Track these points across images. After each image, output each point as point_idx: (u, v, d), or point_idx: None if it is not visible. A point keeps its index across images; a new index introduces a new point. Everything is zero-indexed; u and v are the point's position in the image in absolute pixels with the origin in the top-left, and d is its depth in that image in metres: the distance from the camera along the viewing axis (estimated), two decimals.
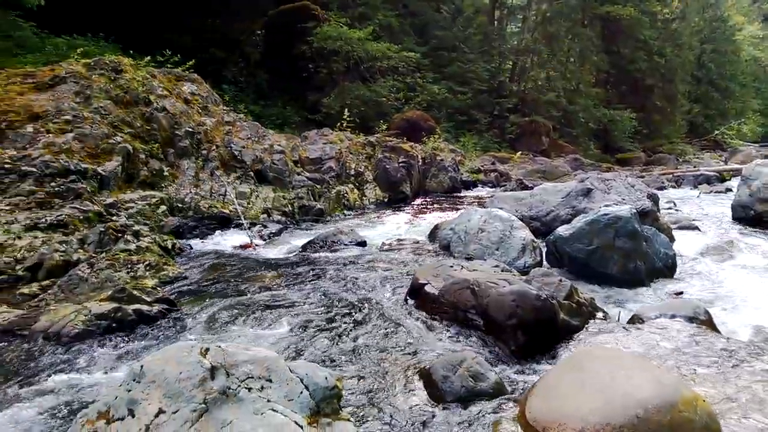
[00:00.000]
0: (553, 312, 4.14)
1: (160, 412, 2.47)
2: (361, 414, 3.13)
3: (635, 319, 4.45)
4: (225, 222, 8.36)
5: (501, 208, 7.37)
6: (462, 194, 14.12)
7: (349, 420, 2.72)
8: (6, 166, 6.46)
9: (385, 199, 12.30)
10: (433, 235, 7.88)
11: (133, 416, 2.47)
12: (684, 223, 8.70)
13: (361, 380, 3.50)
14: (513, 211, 7.54)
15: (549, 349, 4.06)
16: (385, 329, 4.40)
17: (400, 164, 13.06)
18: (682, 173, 18.69)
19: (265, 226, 8.53)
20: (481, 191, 14.90)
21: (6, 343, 4.22)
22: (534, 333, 4.04)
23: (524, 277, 4.80)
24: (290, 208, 9.69)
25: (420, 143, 15.50)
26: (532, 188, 10.24)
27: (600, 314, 4.61)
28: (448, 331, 4.37)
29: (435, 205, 11.81)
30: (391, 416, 3.15)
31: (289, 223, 9.20)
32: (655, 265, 5.95)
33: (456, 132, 23.94)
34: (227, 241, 7.71)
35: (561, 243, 6.04)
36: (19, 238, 5.68)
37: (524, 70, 31.05)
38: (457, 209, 10.76)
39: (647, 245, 5.98)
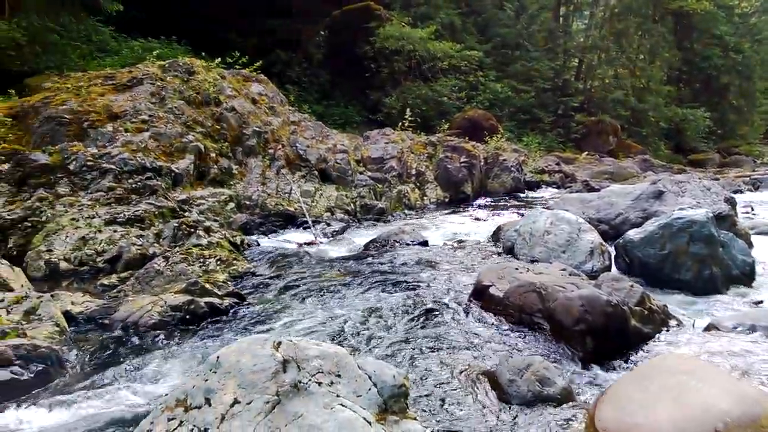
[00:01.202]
0: (624, 318, 4.02)
1: (235, 402, 2.56)
2: (427, 413, 3.14)
3: (711, 329, 4.27)
4: (290, 219, 8.55)
5: (567, 210, 7.20)
6: (525, 195, 13.88)
7: (415, 419, 2.73)
8: (88, 163, 6.84)
9: (446, 199, 12.24)
10: (496, 236, 7.78)
11: (210, 405, 2.56)
12: (762, 228, 8.23)
13: (427, 380, 3.51)
14: (580, 213, 7.36)
15: (619, 356, 3.95)
16: (449, 330, 4.39)
17: (462, 164, 12.97)
18: (761, 176, 17.72)
19: (328, 224, 8.67)
20: (545, 192, 14.60)
21: (88, 331, 4.47)
22: (603, 339, 3.94)
23: (593, 282, 4.68)
24: (352, 207, 9.81)
25: (482, 143, 15.34)
26: (598, 190, 9.96)
27: (673, 322, 4.45)
28: (512, 333, 4.32)
29: (497, 206, 11.66)
30: (456, 417, 3.15)
31: (351, 222, 9.31)
32: (731, 272, 5.68)
33: (519, 131, 23.54)
34: (292, 238, 7.89)
35: (631, 247, 5.85)
36: (100, 231, 6.00)
37: (591, 68, 30.20)
38: (521, 210, 10.59)
39: (724, 251, 5.71)
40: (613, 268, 6.11)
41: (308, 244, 7.57)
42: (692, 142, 31.27)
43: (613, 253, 6.27)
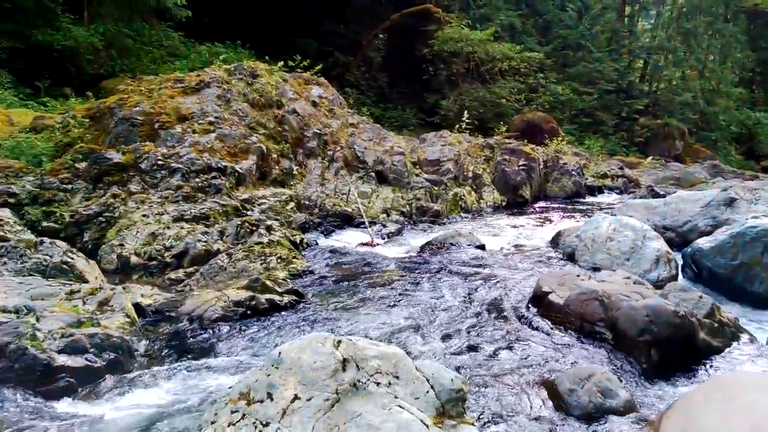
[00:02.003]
0: (691, 330, 3.88)
1: (296, 398, 2.62)
2: (484, 419, 3.12)
3: None
4: (347, 220, 8.66)
5: (631, 216, 6.99)
6: (586, 200, 13.54)
7: (473, 424, 2.73)
8: (158, 162, 7.15)
9: (504, 203, 12.09)
10: (555, 241, 7.64)
11: (272, 399, 2.63)
12: None
13: (483, 385, 3.49)
14: (644, 219, 7.13)
15: (686, 369, 3.82)
16: (506, 335, 4.35)
17: (520, 167, 12.77)
18: None
19: (384, 226, 8.73)
20: (607, 197, 14.18)
21: (157, 323, 4.67)
22: (669, 351, 3.81)
23: (659, 292, 4.54)
24: (408, 209, 9.83)
25: (541, 146, 15.06)
26: (664, 196, 9.61)
27: (745, 337, 4.25)
28: (572, 342, 4.24)
29: (557, 211, 11.42)
30: (513, 424, 3.12)
31: (407, 223, 9.34)
32: None
33: (580, 134, 22.97)
34: (349, 238, 7.98)
35: (700, 256, 5.63)
36: (168, 228, 6.26)
37: (657, 69, 29.13)
38: (581, 215, 10.35)
39: None
40: (680, 277, 5.90)
41: (365, 244, 7.65)
42: (765, 147, 29.66)
43: (680, 262, 6.05)
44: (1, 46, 11.41)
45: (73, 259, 5.25)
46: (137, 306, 4.66)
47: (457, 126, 14.10)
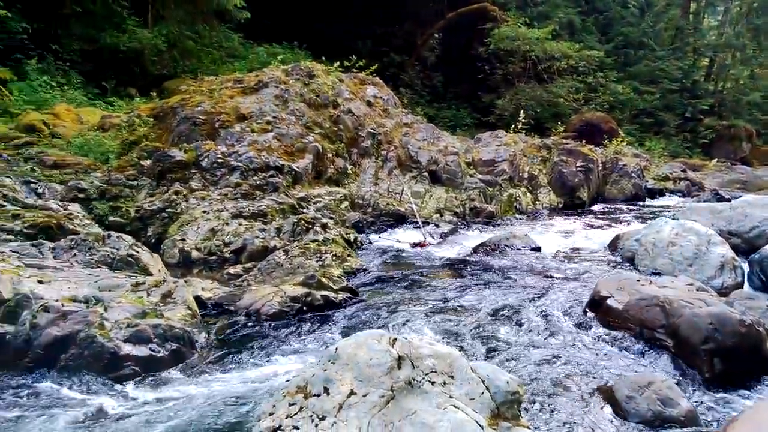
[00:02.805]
0: (759, 340, 3.72)
1: (352, 393, 2.66)
2: (539, 422, 3.09)
3: None
4: (400, 219, 8.70)
5: (695, 221, 6.74)
6: (646, 203, 13.12)
7: (528, 427, 2.70)
8: (218, 160, 7.38)
9: (560, 205, 11.86)
10: (614, 245, 7.45)
11: (328, 394, 2.68)
12: None
13: (538, 389, 3.45)
14: (709, 224, 6.85)
15: (752, 380, 3.66)
16: (562, 339, 4.28)
17: (578, 168, 12.49)
18: None
19: (437, 226, 8.72)
20: (669, 200, 13.69)
21: (216, 316, 4.82)
22: (734, 361, 3.66)
23: (723, 299, 4.37)
24: (461, 209, 9.78)
25: (600, 147, 14.69)
26: (729, 200, 9.21)
27: None
28: (631, 348, 4.13)
29: (615, 214, 11.12)
30: (569, 429, 3.07)
31: (460, 224, 9.29)
32: None
33: (641, 135, 22.25)
34: (402, 237, 8.01)
35: None
36: (227, 224, 6.46)
37: (723, 68, 27.92)
38: (641, 219, 10.04)
39: None
40: (746, 285, 5.65)
41: (418, 244, 7.66)
42: None
43: (747, 269, 5.79)
44: (72, 48, 12.01)
45: (138, 252, 5.48)
46: (198, 299, 4.82)
47: (513, 126, 13.92)
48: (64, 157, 7.46)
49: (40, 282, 4.23)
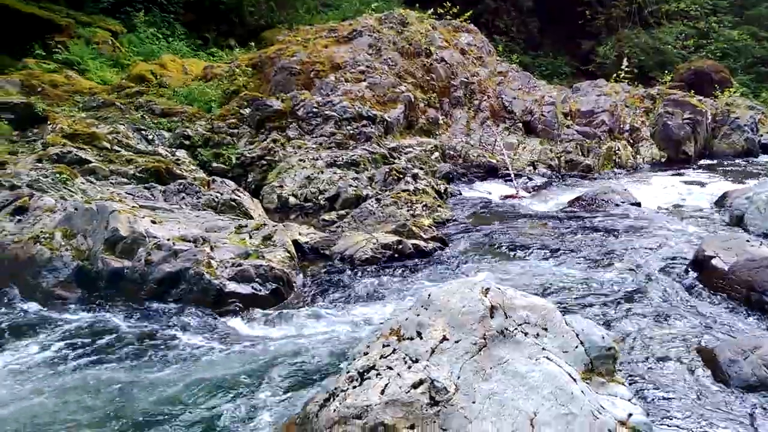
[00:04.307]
0: None
1: (444, 339, 2.72)
2: (634, 380, 3.03)
3: None
4: (491, 171, 8.58)
5: None
6: (759, 160, 12.11)
7: (623, 384, 2.66)
8: (314, 110, 7.55)
9: (663, 159, 11.20)
10: (721, 203, 6.99)
11: (421, 338, 2.75)
12: None
13: (634, 347, 3.38)
14: None
15: None
16: (661, 298, 4.13)
17: (684, 121, 11.68)
18: None
19: (530, 179, 8.53)
20: None
21: (312, 259, 5.04)
22: None
23: None
24: (556, 162, 9.48)
25: (710, 98, 13.62)
26: None
27: None
28: (735, 311, 3.93)
29: (724, 170, 10.36)
30: (665, 389, 3.00)
31: (554, 177, 9.03)
32: None
33: (756, 86, 20.32)
34: (493, 189, 7.92)
35: None
36: (322, 172, 6.65)
37: None
38: (753, 176, 9.32)
39: None
40: None
41: (509, 196, 7.55)
42: None
43: None
44: (176, 0, 12.46)
45: (240, 197, 5.78)
46: (295, 243, 5.04)
47: (615, 75, 13.17)
48: (171, 106, 7.88)
49: (153, 222, 4.56)
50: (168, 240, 4.34)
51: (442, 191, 7.01)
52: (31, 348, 3.42)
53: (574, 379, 2.52)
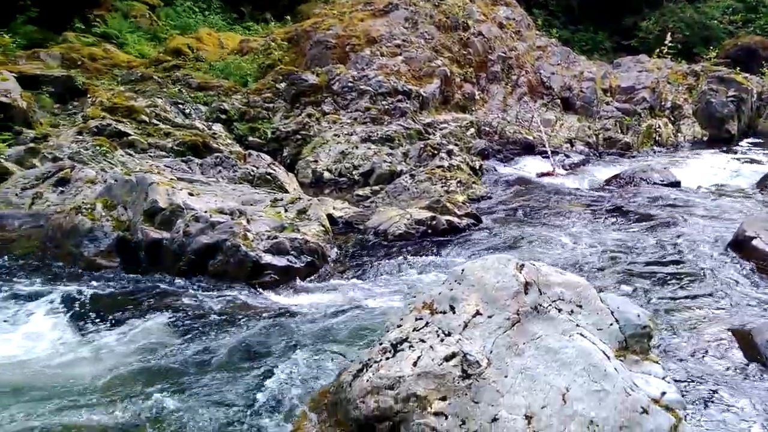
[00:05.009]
0: None
1: (477, 313, 2.72)
2: (669, 359, 3.01)
3: None
4: (528, 148, 8.48)
5: None
6: None
7: (657, 362, 2.64)
8: (349, 84, 7.54)
9: (705, 138, 10.88)
10: (763, 183, 6.79)
11: (454, 312, 2.77)
12: None
13: (671, 326, 3.33)
14: None
15: None
16: (699, 278, 4.05)
17: (729, 98, 11.29)
18: None
19: (567, 156, 8.41)
20: None
21: (346, 233, 5.09)
22: None
23: None
24: (594, 139, 9.31)
25: (756, 75, 13.13)
26: None
27: None
28: None
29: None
30: (701, 370, 2.96)
31: (592, 155, 8.88)
32: None
33: None
34: (529, 166, 7.84)
35: None
36: (356, 148, 6.68)
37: None
38: None
39: None
40: None
41: (545, 174, 7.46)
42: None
43: None
44: None
45: (275, 171, 5.85)
46: (330, 217, 5.09)
47: (658, 50, 12.76)
48: (207, 80, 7.97)
49: (191, 194, 4.64)
50: (205, 212, 4.42)
51: (477, 168, 6.97)
52: (73, 314, 3.54)
53: (608, 357, 2.51)
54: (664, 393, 2.39)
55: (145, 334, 3.32)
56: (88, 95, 6.83)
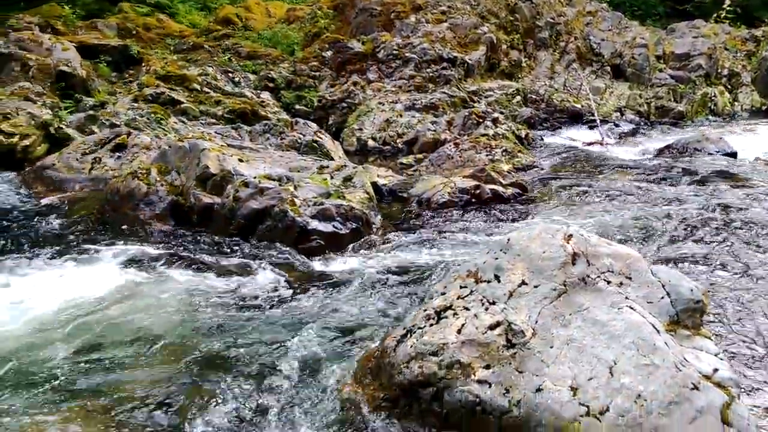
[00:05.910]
0: None
1: (523, 283, 2.71)
2: (722, 336, 2.95)
3: None
4: (575, 117, 8.28)
5: None
6: None
7: (710, 338, 2.58)
8: (394, 52, 7.48)
9: (764, 107, 10.38)
10: None
11: (499, 281, 2.76)
12: None
13: (724, 302, 3.25)
14: None
15: None
16: (754, 253, 3.92)
17: None
18: None
19: (616, 125, 8.18)
20: None
21: (390, 202, 5.12)
22: None
23: None
24: (645, 108, 9.00)
25: None
26: None
27: None
28: None
29: None
30: (755, 347, 2.90)
31: (643, 124, 8.61)
32: None
33: None
34: (577, 135, 7.66)
35: None
36: (401, 116, 6.65)
37: None
38: None
39: None
40: None
41: (594, 143, 7.28)
42: None
43: None
44: None
45: (321, 138, 5.89)
46: (374, 184, 5.12)
47: (715, 15, 12.15)
48: (255, 49, 8.03)
49: (240, 161, 4.73)
50: (254, 178, 4.50)
51: (523, 136, 6.86)
52: (130, 273, 3.68)
53: (658, 331, 2.46)
54: (716, 370, 2.34)
55: (198, 292, 3.44)
56: (143, 64, 6.99)
